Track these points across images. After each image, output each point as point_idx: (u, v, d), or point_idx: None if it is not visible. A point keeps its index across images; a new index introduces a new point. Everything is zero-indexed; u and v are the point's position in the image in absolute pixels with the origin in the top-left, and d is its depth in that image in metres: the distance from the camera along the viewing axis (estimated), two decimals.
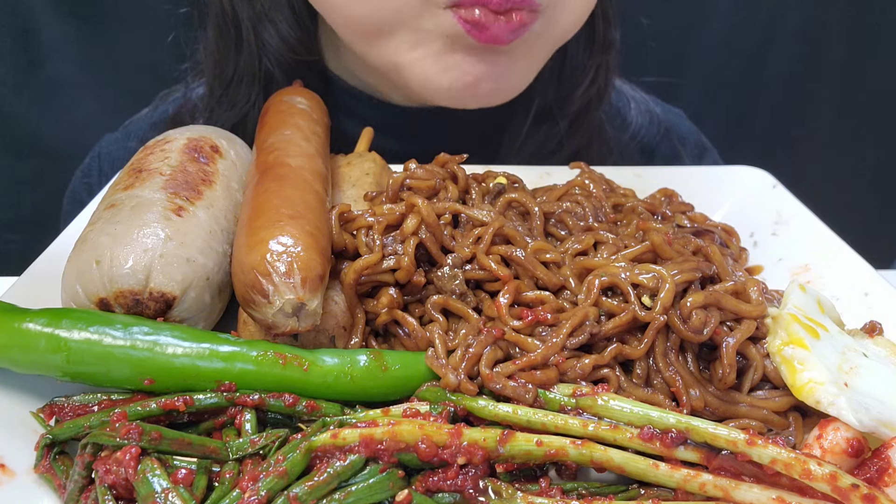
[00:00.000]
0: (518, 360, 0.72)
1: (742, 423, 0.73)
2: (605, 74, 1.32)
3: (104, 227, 0.76)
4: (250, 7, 1.18)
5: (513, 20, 0.95)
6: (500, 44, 0.98)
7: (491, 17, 0.94)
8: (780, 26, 2.22)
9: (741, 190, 1.15)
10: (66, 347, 0.67)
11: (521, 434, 0.67)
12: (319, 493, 0.61)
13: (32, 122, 2.03)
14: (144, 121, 1.45)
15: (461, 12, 0.95)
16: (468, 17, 0.94)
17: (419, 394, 0.72)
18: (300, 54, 1.20)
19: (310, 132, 0.94)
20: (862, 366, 0.73)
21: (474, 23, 0.95)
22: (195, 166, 0.86)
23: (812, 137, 2.38)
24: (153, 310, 0.73)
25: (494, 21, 0.94)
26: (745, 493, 0.62)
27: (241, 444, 0.67)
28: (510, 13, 0.95)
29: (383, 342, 0.82)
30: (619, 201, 0.97)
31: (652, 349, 0.76)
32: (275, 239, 0.71)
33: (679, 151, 1.52)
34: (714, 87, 2.29)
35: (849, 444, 0.66)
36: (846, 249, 0.97)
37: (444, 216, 0.85)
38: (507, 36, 0.97)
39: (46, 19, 1.94)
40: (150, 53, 1.55)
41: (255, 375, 0.70)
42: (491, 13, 0.94)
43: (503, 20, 0.95)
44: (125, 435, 0.62)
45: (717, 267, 0.82)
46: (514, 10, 0.95)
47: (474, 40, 0.97)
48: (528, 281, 0.81)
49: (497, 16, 0.94)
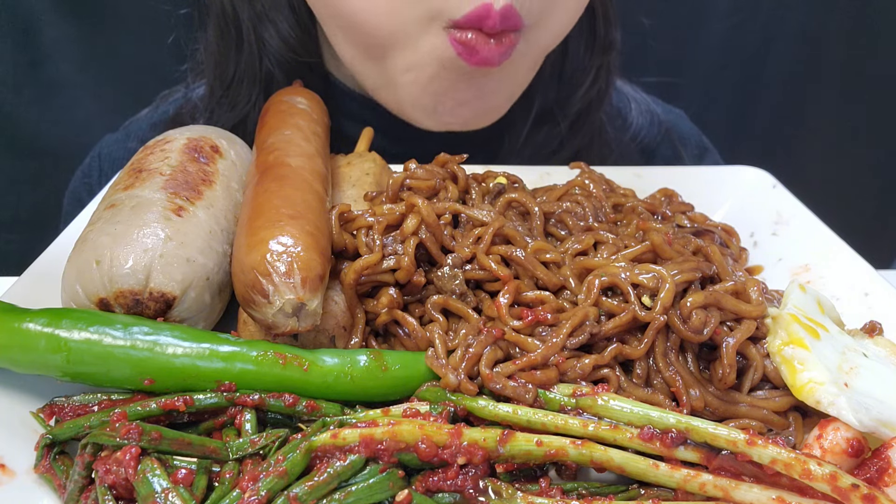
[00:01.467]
0: (518, 360, 0.72)
1: (742, 423, 0.73)
2: (605, 75, 1.32)
3: (104, 227, 0.76)
4: (251, 7, 1.18)
5: (502, 43, 0.97)
6: (491, 66, 0.99)
7: (482, 41, 0.96)
8: (780, 26, 2.22)
9: (741, 190, 1.15)
10: (66, 347, 0.68)
11: (521, 434, 0.67)
12: (319, 493, 0.62)
13: (32, 122, 2.03)
14: (145, 121, 1.45)
15: (456, 34, 0.96)
16: (462, 38, 0.96)
17: (419, 394, 0.72)
18: (300, 55, 1.20)
19: (310, 132, 0.94)
20: (862, 366, 0.73)
21: (466, 45, 0.96)
22: (195, 166, 0.86)
23: (812, 137, 2.38)
24: (153, 310, 0.73)
25: (485, 44, 0.96)
26: (745, 493, 0.62)
27: (241, 444, 0.67)
28: (501, 36, 0.96)
29: (383, 342, 0.82)
30: (619, 201, 0.97)
31: (652, 349, 0.76)
32: (275, 239, 0.71)
33: (680, 152, 1.52)
34: (714, 87, 2.29)
35: (849, 444, 0.66)
36: (846, 249, 0.97)
37: (444, 216, 0.85)
38: (498, 59, 0.98)
39: (46, 19, 1.94)
40: (150, 54, 1.55)
41: (255, 375, 0.70)
42: (483, 36, 0.95)
43: (493, 43, 0.96)
44: (125, 435, 0.62)
45: (717, 267, 0.82)
46: (505, 32, 0.96)
47: (465, 63, 0.98)
48: (528, 281, 0.81)
49: (488, 39, 0.96)
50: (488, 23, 0.94)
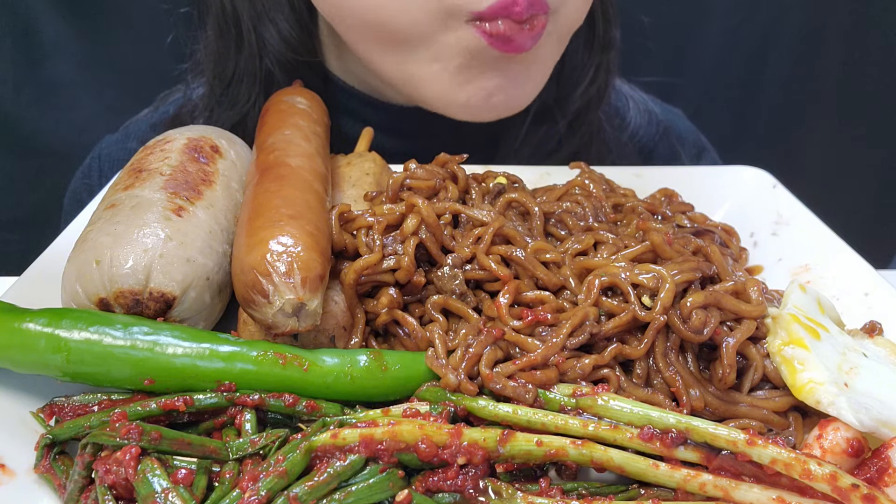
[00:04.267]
0: (518, 360, 0.72)
1: (742, 423, 0.73)
2: (604, 74, 1.32)
3: (104, 227, 0.76)
4: (251, 6, 1.18)
5: (534, 26, 0.95)
6: (525, 51, 0.97)
7: (515, 28, 0.94)
8: (780, 26, 2.22)
9: (741, 190, 1.15)
10: (66, 347, 0.67)
11: (521, 434, 0.67)
12: (319, 493, 0.61)
13: (32, 122, 2.03)
14: (144, 122, 1.45)
15: (484, 26, 0.94)
16: (493, 30, 0.94)
17: (419, 394, 0.72)
18: (300, 54, 1.20)
19: (310, 132, 0.94)
20: (862, 366, 0.73)
21: (499, 35, 0.94)
22: (195, 166, 0.86)
23: (812, 137, 2.38)
24: (153, 310, 0.73)
25: (519, 31, 0.94)
26: (745, 494, 0.62)
27: (241, 444, 0.67)
28: (531, 20, 0.95)
29: (383, 342, 0.82)
30: (619, 201, 0.97)
31: (652, 349, 0.76)
32: (275, 239, 0.71)
33: (678, 151, 1.52)
34: (714, 87, 2.29)
35: (849, 444, 0.66)
36: (846, 249, 0.97)
37: (444, 216, 0.85)
38: (531, 43, 0.97)
39: (46, 19, 1.94)
40: (150, 53, 1.55)
41: (255, 375, 0.70)
42: (514, 23, 0.93)
43: (527, 28, 0.95)
44: (125, 435, 0.62)
45: (717, 267, 0.82)
46: (535, 16, 0.95)
47: (497, 51, 0.96)
48: (528, 281, 0.81)
49: (521, 25, 0.94)
50: (516, 10, 0.92)
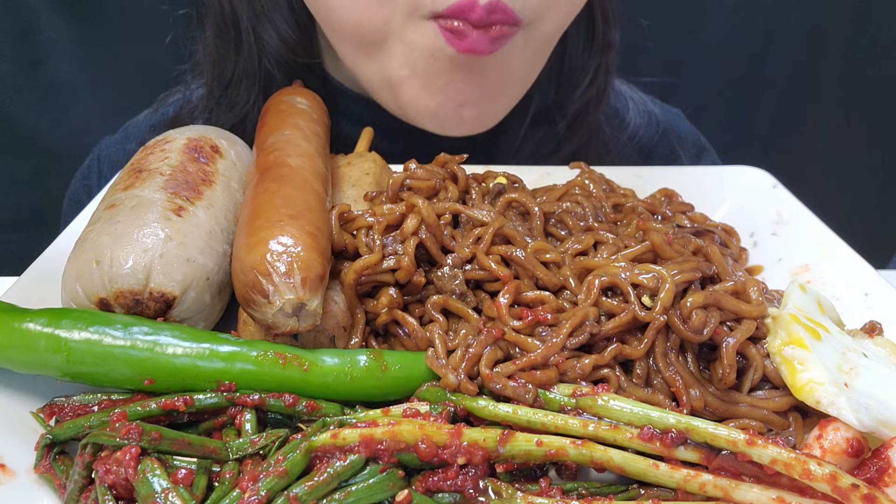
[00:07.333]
0: (518, 360, 0.72)
1: (742, 423, 0.73)
2: (604, 75, 1.32)
3: (104, 227, 0.76)
4: (250, 7, 1.18)
5: (492, 32, 0.96)
6: (482, 54, 0.98)
7: (470, 27, 0.95)
8: (780, 26, 2.22)
9: (741, 190, 1.15)
10: (66, 347, 0.67)
11: (521, 434, 0.67)
12: (319, 493, 0.61)
13: (32, 122, 2.03)
14: (144, 123, 1.45)
15: (442, 22, 0.96)
16: (448, 25, 0.96)
17: (419, 394, 0.72)
18: (300, 55, 1.20)
19: (310, 132, 0.94)
20: (862, 366, 0.73)
21: (453, 30, 0.96)
22: (195, 166, 0.86)
23: (812, 137, 2.38)
24: (153, 310, 0.73)
25: (473, 30, 0.95)
26: (745, 494, 0.62)
27: (241, 444, 0.67)
28: (489, 27, 0.96)
29: (383, 342, 0.82)
30: (619, 201, 0.97)
31: (652, 349, 0.76)
32: (275, 239, 0.71)
33: (677, 151, 1.52)
34: (714, 88, 2.29)
35: (849, 444, 0.66)
36: (846, 249, 0.97)
37: (444, 216, 0.85)
38: (488, 46, 0.97)
39: (46, 19, 1.94)
40: (149, 54, 1.55)
41: (255, 375, 0.70)
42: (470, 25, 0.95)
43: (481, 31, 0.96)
44: (125, 435, 0.62)
45: (717, 267, 0.82)
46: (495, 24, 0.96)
47: (454, 49, 0.97)
48: (528, 281, 0.81)
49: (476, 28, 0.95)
50: (472, 15, 0.93)
